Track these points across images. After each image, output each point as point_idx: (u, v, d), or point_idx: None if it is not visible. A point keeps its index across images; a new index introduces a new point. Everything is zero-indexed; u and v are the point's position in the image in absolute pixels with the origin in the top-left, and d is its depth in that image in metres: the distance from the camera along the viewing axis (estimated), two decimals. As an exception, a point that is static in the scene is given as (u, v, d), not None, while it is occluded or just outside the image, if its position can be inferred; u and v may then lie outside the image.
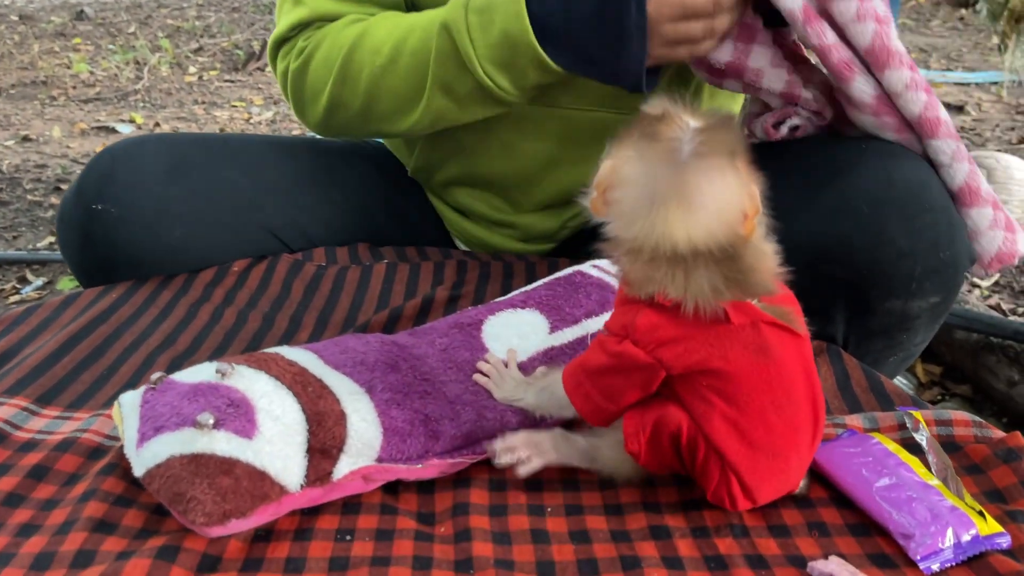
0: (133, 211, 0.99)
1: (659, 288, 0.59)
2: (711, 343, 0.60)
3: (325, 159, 1.18)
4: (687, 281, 0.59)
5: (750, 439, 0.61)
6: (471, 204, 1.13)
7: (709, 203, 0.58)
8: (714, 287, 0.59)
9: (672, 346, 0.60)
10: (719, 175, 0.58)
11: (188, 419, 0.64)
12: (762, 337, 0.61)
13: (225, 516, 0.60)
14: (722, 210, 0.58)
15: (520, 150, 1.05)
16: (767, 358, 0.61)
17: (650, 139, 0.59)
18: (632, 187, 0.59)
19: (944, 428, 0.74)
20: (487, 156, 1.07)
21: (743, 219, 0.59)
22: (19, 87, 4.20)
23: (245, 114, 3.74)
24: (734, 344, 0.60)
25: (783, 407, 0.62)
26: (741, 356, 0.60)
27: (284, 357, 0.71)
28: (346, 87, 1.00)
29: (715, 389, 0.61)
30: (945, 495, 0.63)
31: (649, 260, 0.59)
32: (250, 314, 0.97)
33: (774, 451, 0.62)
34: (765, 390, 0.61)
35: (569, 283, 0.86)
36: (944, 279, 0.84)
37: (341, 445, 0.66)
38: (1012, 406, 1.55)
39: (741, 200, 0.59)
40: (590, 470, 0.70)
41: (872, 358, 0.90)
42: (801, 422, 0.63)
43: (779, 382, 0.61)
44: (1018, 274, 2.19)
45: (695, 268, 0.58)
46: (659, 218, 0.58)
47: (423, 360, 0.75)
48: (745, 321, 0.60)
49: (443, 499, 0.69)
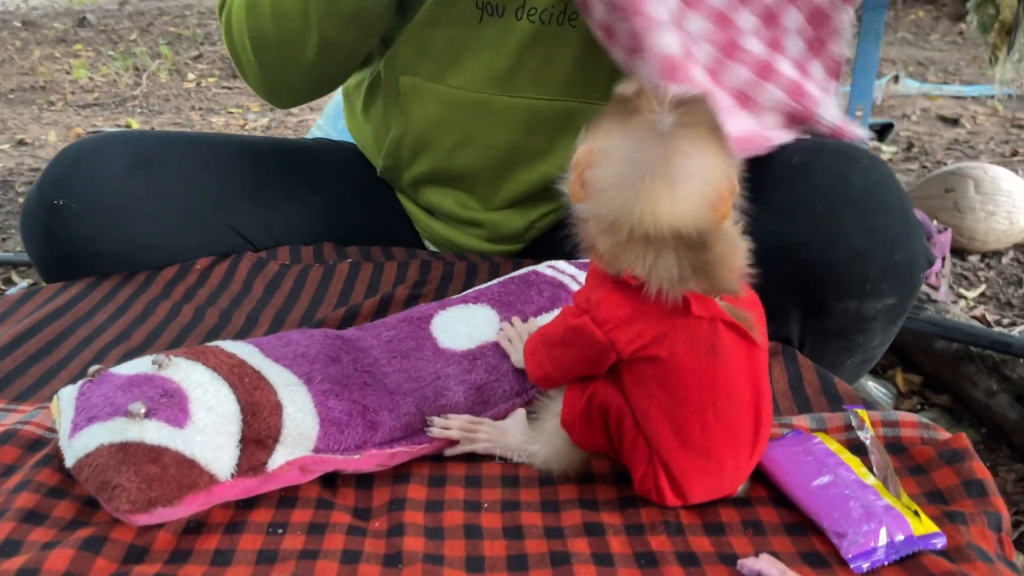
0: (94, 206, 0.99)
1: (627, 267, 0.59)
2: (664, 331, 0.59)
3: (293, 159, 1.18)
4: (655, 263, 0.58)
5: (684, 435, 0.61)
6: (440, 202, 1.13)
7: (695, 174, 0.57)
8: (681, 274, 0.58)
9: (627, 327, 0.60)
10: (703, 147, 0.57)
11: (120, 409, 0.63)
12: (716, 336, 0.60)
13: (150, 504, 0.60)
14: (707, 182, 0.57)
15: (485, 143, 1.05)
16: (716, 358, 0.60)
17: (629, 115, 0.58)
18: (613, 162, 0.58)
19: (891, 429, 0.73)
20: (453, 151, 1.07)
21: (722, 198, 0.58)
22: (18, 92, 4.22)
23: (241, 120, 3.75)
24: (686, 338, 0.60)
25: (723, 409, 0.61)
26: (690, 352, 0.60)
27: (224, 349, 0.70)
28: (256, 16, 1.00)
29: (658, 380, 0.60)
30: (882, 494, 0.62)
31: (623, 238, 0.58)
32: (208, 311, 0.97)
33: (708, 451, 0.61)
34: (707, 389, 0.60)
35: (523, 281, 0.86)
36: (900, 280, 0.84)
37: (276, 435, 0.66)
38: (990, 416, 1.54)
39: (725, 174, 0.58)
40: (527, 463, 0.70)
41: (829, 360, 0.89)
42: (740, 428, 0.62)
43: (723, 384, 0.61)
44: (1004, 285, 2.18)
45: (665, 251, 0.58)
46: (643, 190, 0.56)
47: (367, 352, 0.75)
48: (704, 315, 0.60)
49: (381, 494, 0.69)
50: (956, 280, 2.20)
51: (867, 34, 2.06)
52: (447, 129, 1.05)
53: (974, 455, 0.67)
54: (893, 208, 0.83)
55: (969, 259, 2.31)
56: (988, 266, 2.29)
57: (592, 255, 0.62)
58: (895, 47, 5.33)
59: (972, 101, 3.95)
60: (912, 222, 0.85)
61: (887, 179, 0.85)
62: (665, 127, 0.57)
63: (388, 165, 1.15)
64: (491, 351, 0.77)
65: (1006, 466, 1.47)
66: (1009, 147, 3.24)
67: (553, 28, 0.98)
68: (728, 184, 0.58)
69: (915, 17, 6.14)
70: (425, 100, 1.04)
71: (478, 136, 1.05)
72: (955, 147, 3.29)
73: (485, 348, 0.77)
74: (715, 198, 0.58)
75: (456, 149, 1.07)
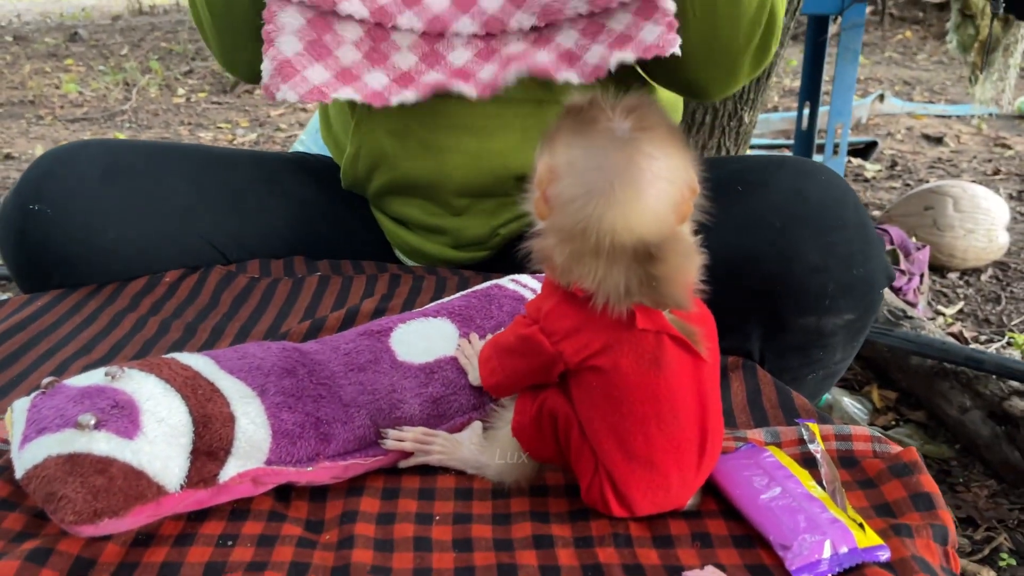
0: (67, 212, 1.00)
1: (577, 278, 0.59)
2: (609, 342, 0.60)
3: (268, 171, 1.19)
4: (605, 276, 0.58)
5: (628, 446, 0.61)
6: (405, 211, 1.14)
7: (661, 174, 0.57)
8: (627, 287, 0.58)
9: (574, 338, 0.60)
10: (664, 148, 0.58)
11: (71, 420, 0.63)
12: (661, 349, 0.60)
13: (96, 515, 0.60)
14: (673, 181, 0.58)
15: (439, 147, 1.06)
16: (660, 371, 0.60)
17: (584, 125, 0.59)
18: (578, 172, 0.58)
19: (844, 443, 0.73)
20: (409, 159, 1.07)
21: (683, 198, 0.58)
22: (7, 106, 4.23)
23: (229, 135, 3.76)
24: (631, 349, 0.60)
25: (666, 422, 0.61)
26: (634, 364, 0.60)
27: (179, 361, 0.71)
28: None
29: (602, 391, 0.61)
30: (828, 507, 0.62)
31: (588, 247, 0.58)
32: (173, 324, 0.97)
33: (651, 463, 0.61)
34: (650, 401, 0.61)
35: (485, 295, 0.86)
36: (858, 296, 0.84)
37: (228, 447, 0.66)
38: (964, 432, 1.55)
39: (684, 178, 0.58)
40: (478, 473, 0.70)
41: (791, 375, 0.89)
42: (684, 441, 0.62)
43: (666, 397, 0.61)
44: (983, 302, 2.19)
45: (616, 264, 0.58)
46: (613, 196, 0.56)
47: (324, 365, 0.75)
48: (650, 328, 0.60)
49: (334, 507, 0.69)
50: (935, 297, 2.22)
51: (845, 52, 2.08)
52: (401, 138, 1.06)
53: (923, 468, 0.68)
54: (850, 224, 0.84)
55: (948, 276, 2.32)
56: (967, 283, 2.30)
57: (546, 267, 0.62)
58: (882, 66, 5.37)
59: (957, 120, 3.98)
60: (871, 239, 0.85)
61: (845, 196, 0.86)
62: (624, 133, 0.58)
63: (350, 180, 1.16)
64: (449, 365, 0.78)
65: (979, 482, 1.47)
66: (991, 166, 3.27)
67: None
68: (689, 184, 0.59)
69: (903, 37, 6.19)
70: (375, 112, 1.05)
71: (431, 142, 1.05)
72: (938, 165, 3.31)
73: (443, 362, 0.78)
74: (680, 198, 0.58)
75: (411, 157, 1.07)
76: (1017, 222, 2.68)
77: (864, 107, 3.93)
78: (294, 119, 4.04)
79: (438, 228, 1.13)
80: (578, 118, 0.59)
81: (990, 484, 1.46)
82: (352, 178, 1.14)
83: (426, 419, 0.74)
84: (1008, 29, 2.60)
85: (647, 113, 0.59)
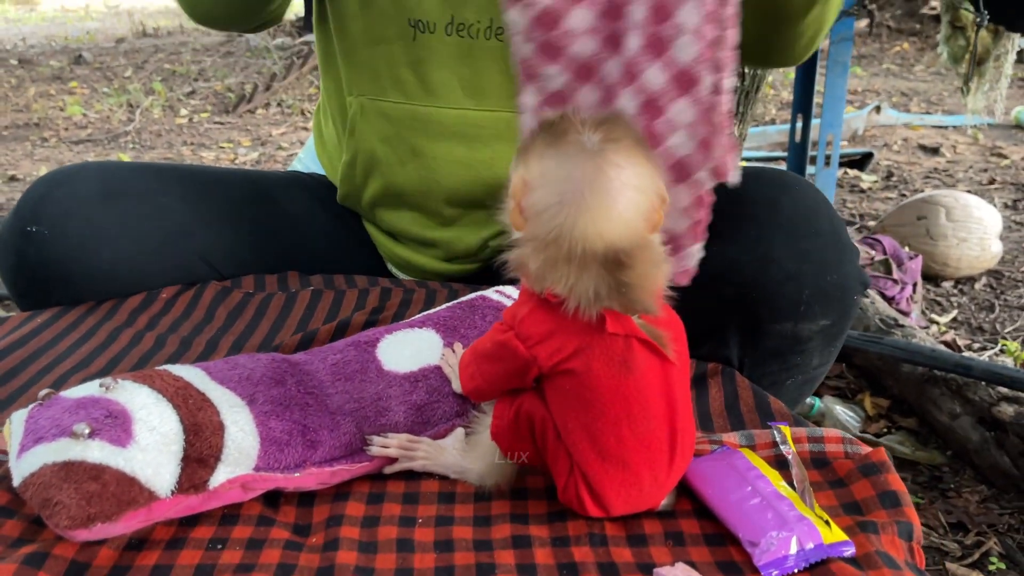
0: (64, 232, 1.02)
1: (551, 285, 0.61)
2: (581, 346, 0.62)
3: (263, 189, 1.22)
4: (576, 282, 0.60)
5: (601, 446, 0.63)
6: (396, 222, 1.17)
7: (629, 182, 0.60)
8: (597, 293, 0.60)
9: (547, 342, 0.63)
10: (632, 159, 0.60)
11: (66, 430, 0.66)
12: (630, 352, 0.63)
13: (90, 519, 0.62)
14: (641, 190, 0.60)
15: (429, 155, 1.08)
16: (629, 373, 0.63)
17: (556, 137, 0.61)
18: (550, 183, 0.61)
19: (816, 445, 0.75)
20: (401, 166, 1.11)
21: (653, 208, 0.61)
22: (11, 129, 4.28)
23: (231, 155, 3.80)
24: (601, 353, 0.62)
25: (637, 422, 0.63)
26: (605, 366, 0.62)
27: (171, 372, 0.73)
28: None
29: (575, 393, 0.63)
30: (796, 505, 0.64)
31: (560, 255, 0.60)
32: (169, 338, 0.99)
33: (624, 462, 0.64)
34: (621, 402, 0.63)
35: (469, 306, 0.89)
36: (833, 302, 0.86)
37: (218, 454, 0.68)
38: (955, 438, 1.56)
39: (652, 187, 0.61)
40: (460, 478, 0.72)
41: (769, 380, 0.92)
42: (654, 441, 0.64)
43: (636, 398, 0.63)
44: (976, 311, 2.21)
45: (587, 271, 0.60)
46: (583, 205, 0.59)
47: (312, 375, 0.77)
48: (619, 332, 0.62)
49: (321, 511, 0.71)
50: (929, 306, 2.23)
51: (834, 66, 2.11)
52: (392, 145, 1.09)
53: (891, 468, 0.70)
54: (824, 232, 0.86)
55: (942, 285, 2.34)
56: (961, 292, 2.32)
57: (522, 274, 0.64)
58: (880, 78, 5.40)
59: (953, 131, 4.00)
60: (844, 246, 0.88)
61: (819, 205, 0.88)
62: (593, 144, 0.60)
63: (346, 191, 1.19)
64: (433, 373, 0.80)
65: (970, 487, 1.49)
66: (987, 175, 3.29)
67: (481, 42, 1.03)
68: (658, 193, 0.62)
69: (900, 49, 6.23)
70: (370, 117, 1.09)
71: (421, 149, 1.08)
72: (934, 175, 3.34)
73: (427, 370, 0.80)
74: (649, 207, 0.61)
75: (402, 164, 1.10)
76: (1011, 231, 2.70)
77: (861, 119, 3.95)
78: (295, 138, 4.08)
79: (429, 241, 1.16)
80: (550, 131, 0.62)
81: (980, 489, 1.48)
82: (350, 186, 1.17)
83: (411, 426, 0.76)
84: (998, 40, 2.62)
85: (615, 126, 0.62)
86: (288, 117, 4.46)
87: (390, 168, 1.11)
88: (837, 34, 2.08)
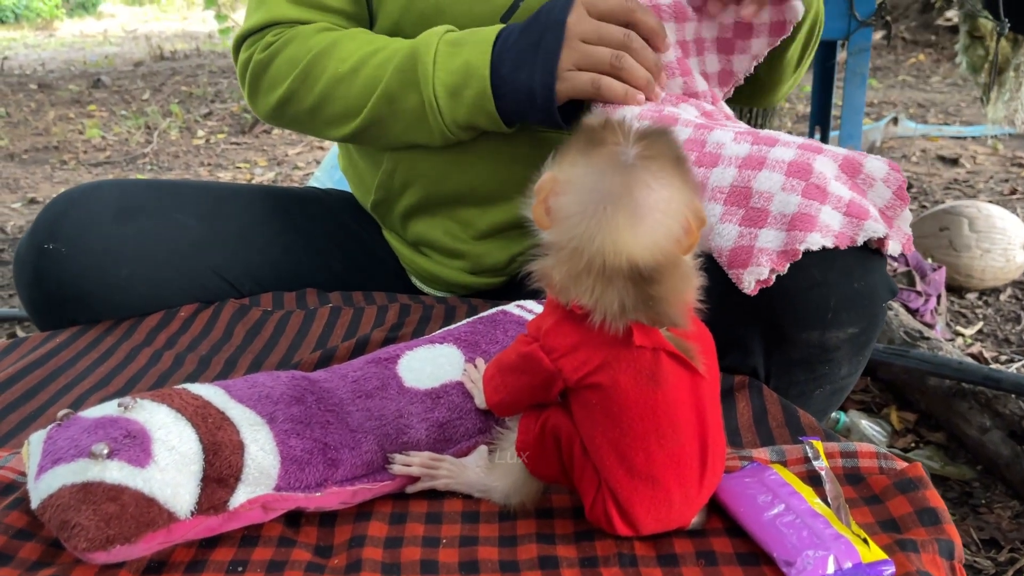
0: (81, 250, 1.02)
1: (576, 296, 0.60)
2: (607, 359, 0.61)
3: (280, 205, 1.21)
4: (602, 294, 0.59)
5: (629, 462, 0.62)
6: (427, 233, 1.16)
7: (657, 206, 0.57)
8: (623, 306, 0.59)
9: (573, 355, 0.61)
10: (666, 179, 0.58)
11: (84, 451, 0.65)
12: (658, 365, 0.61)
13: (108, 541, 0.61)
14: (669, 214, 0.58)
15: (472, 171, 1.09)
16: (657, 386, 0.61)
17: (593, 145, 0.59)
18: (576, 191, 0.59)
19: (850, 460, 0.73)
20: (442, 179, 1.11)
21: (686, 230, 0.59)
22: (32, 152, 4.32)
23: (248, 175, 3.82)
24: (628, 366, 0.61)
25: (666, 437, 0.62)
26: (632, 380, 0.61)
27: (189, 391, 0.72)
28: (305, 85, 1.08)
29: (602, 407, 0.62)
30: (832, 523, 0.62)
31: (580, 267, 0.58)
32: (188, 357, 0.98)
33: (653, 478, 0.62)
34: (649, 417, 0.61)
35: (491, 321, 0.87)
36: (860, 309, 0.85)
37: (238, 474, 0.67)
38: (984, 452, 1.53)
39: (687, 208, 0.59)
40: (485, 496, 0.71)
41: (797, 390, 0.90)
42: (684, 457, 0.62)
43: (664, 412, 0.62)
44: (1002, 322, 2.17)
45: (613, 283, 0.58)
46: (604, 220, 0.57)
47: (332, 393, 0.76)
48: (647, 345, 0.61)
49: (343, 532, 0.70)
50: (954, 318, 2.20)
51: (852, 77, 2.10)
52: (435, 157, 1.08)
53: (928, 484, 0.68)
54: None
55: (967, 296, 2.31)
56: (986, 303, 2.28)
57: (546, 285, 0.63)
58: (896, 89, 5.37)
59: (972, 141, 3.97)
60: (870, 252, 0.86)
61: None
62: (628, 158, 0.58)
63: (379, 199, 1.18)
64: (455, 390, 0.79)
65: (1001, 503, 1.45)
66: (1008, 185, 3.25)
67: None
68: (694, 215, 0.59)
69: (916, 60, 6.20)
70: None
71: (464, 163, 1.08)
72: (954, 186, 3.30)
73: (448, 387, 0.79)
74: (679, 230, 0.59)
75: (444, 177, 1.10)
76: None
77: (878, 130, 3.92)
78: (311, 157, 4.10)
79: (458, 252, 1.15)
80: (589, 137, 0.60)
81: (1012, 505, 1.44)
82: (385, 193, 1.17)
83: (432, 444, 0.75)
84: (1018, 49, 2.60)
85: (656, 142, 0.59)
86: (304, 137, 4.48)
87: (430, 180, 1.12)
88: (855, 45, 2.06)
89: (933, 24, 6.58)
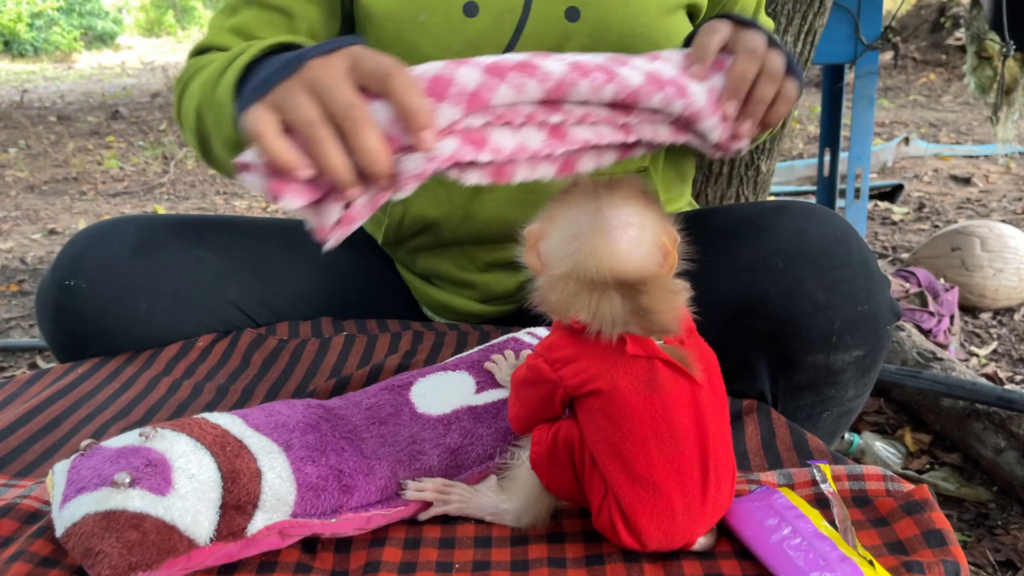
0: (101, 286, 1.05)
1: (574, 313, 0.65)
2: (603, 366, 0.65)
3: (294, 237, 1.24)
4: (598, 307, 0.64)
5: (630, 467, 0.64)
6: (436, 266, 1.18)
7: (628, 221, 0.65)
8: (616, 317, 0.64)
9: (572, 365, 0.66)
10: (633, 201, 0.66)
11: (107, 480, 0.67)
12: (655, 373, 0.64)
13: (131, 568, 0.62)
14: (644, 227, 0.65)
15: (483, 218, 1.11)
16: (654, 392, 0.64)
17: (567, 193, 0.68)
18: (558, 228, 0.67)
19: (856, 483, 0.74)
20: (454, 227, 1.13)
21: (662, 251, 0.66)
22: (51, 183, 4.39)
23: (263, 203, 3.86)
24: (625, 373, 0.64)
25: (665, 443, 0.64)
26: (630, 385, 0.64)
27: (208, 420, 0.74)
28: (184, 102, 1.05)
29: (604, 411, 0.65)
30: (839, 545, 0.63)
31: (572, 289, 0.65)
32: (206, 386, 1.00)
33: (654, 484, 0.63)
34: (648, 422, 0.64)
35: (502, 348, 0.89)
36: (865, 333, 0.86)
37: (256, 501, 0.69)
38: (1000, 473, 1.53)
39: (657, 230, 0.66)
40: (496, 520, 0.72)
41: (804, 413, 0.91)
42: (683, 464, 0.64)
43: (663, 417, 0.64)
44: (1017, 342, 2.17)
45: (605, 297, 0.64)
46: (584, 243, 0.65)
47: (346, 420, 0.78)
48: (641, 354, 0.64)
49: (358, 557, 0.71)
50: (967, 338, 2.20)
51: (860, 99, 2.11)
52: (446, 207, 1.10)
53: (934, 505, 0.69)
54: (853, 262, 0.86)
55: (981, 316, 2.30)
56: (1000, 323, 2.28)
57: (546, 308, 0.68)
58: (907, 109, 5.38)
59: (985, 160, 3.97)
60: (874, 275, 0.87)
61: (847, 235, 0.88)
62: (597, 193, 0.67)
63: (389, 240, 1.21)
64: (466, 415, 0.80)
65: (1017, 524, 1.45)
66: (1021, 204, 3.25)
67: None
68: (669, 237, 0.66)
69: (927, 80, 6.21)
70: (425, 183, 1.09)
71: (475, 212, 1.10)
72: (967, 206, 3.30)
73: (460, 413, 0.80)
74: (654, 245, 0.65)
75: (456, 225, 1.12)
76: (1049, 260, 2.65)
77: (889, 151, 3.93)
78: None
79: (467, 283, 1.17)
80: (565, 191, 0.69)
81: (1029, 526, 1.44)
82: (395, 236, 1.19)
83: (445, 470, 0.76)
84: (1026, 68, 2.61)
85: (627, 181, 0.68)
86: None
87: (441, 228, 1.14)
88: (862, 68, 2.08)
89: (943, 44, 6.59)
